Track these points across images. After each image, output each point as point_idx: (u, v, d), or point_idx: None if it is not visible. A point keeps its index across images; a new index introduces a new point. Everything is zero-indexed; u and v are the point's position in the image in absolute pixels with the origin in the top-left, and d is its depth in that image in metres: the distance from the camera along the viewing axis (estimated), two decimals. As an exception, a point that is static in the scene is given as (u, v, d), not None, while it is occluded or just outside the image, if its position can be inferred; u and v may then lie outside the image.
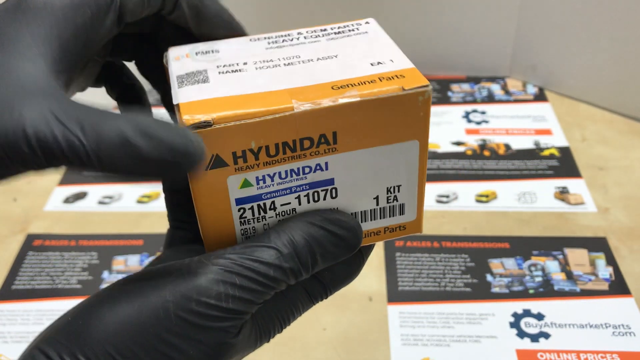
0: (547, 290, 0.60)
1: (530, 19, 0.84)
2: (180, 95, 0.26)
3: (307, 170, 0.27)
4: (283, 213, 0.28)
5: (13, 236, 0.68)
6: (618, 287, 0.60)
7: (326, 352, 0.56)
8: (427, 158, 0.28)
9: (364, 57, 0.28)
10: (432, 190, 0.73)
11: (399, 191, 0.28)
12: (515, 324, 0.57)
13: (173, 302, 0.24)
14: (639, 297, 0.59)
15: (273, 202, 0.27)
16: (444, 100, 0.87)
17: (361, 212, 0.29)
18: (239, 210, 0.27)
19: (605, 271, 0.62)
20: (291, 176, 0.27)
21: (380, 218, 0.29)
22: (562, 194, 0.71)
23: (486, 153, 0.78)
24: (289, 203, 0.27)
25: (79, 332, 0.24)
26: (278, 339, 0.57)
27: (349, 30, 0.30)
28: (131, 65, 0.33)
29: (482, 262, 0.63)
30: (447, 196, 0.72)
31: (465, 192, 0.72)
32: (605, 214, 0.69)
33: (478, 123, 0.83)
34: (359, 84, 0.26)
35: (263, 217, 0.28)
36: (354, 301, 0.60)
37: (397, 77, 0.26)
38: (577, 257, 0.64)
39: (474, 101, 0.87)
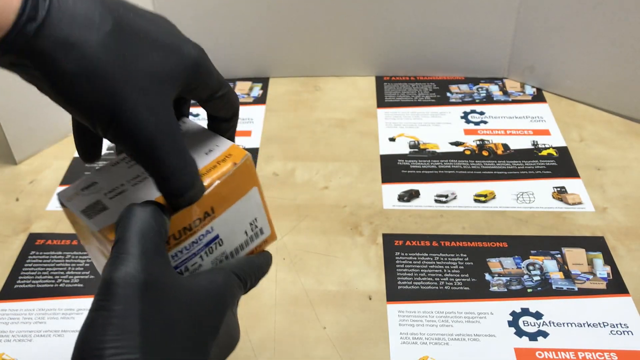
0: (545, 289, 0.61)
1: (529, 21, 0.84)
2: (95, 223, 0.36)
3: (201, 237, 0.37)
4: (194, 270, 0.38)
5: (15, 236, 0.69)
6: (616, 286, 0.61)
7: (326, 350, 0.56)
8: (263, 193, 0.41)
9: (200, 149, 0.39)
10: (431, 189, 0.73)
11: (257, 221, 0.41)
12: (513, 323, 0.58)
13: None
14: (637, 296, 0.60)
15: (186, 267, 0.38)
16: (443, 101, 0.88)
17: (239, 244, 0.40)
18: None
19: (603, 270, 0.62)
20: (192, 246, 0.37)
21: (252, 242, 0.41)
22: (560, 194, 0.72)
23: (485, 153, 0.78)
24: (196, 262, 0.38)
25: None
26: (279, 337, 0.57)
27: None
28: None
29: (481, 262, 0.64)
30: (446, 196, 0.72)
31: (464, 192, 0.73)
32: (603, 214, 0.69)
33: (477, 123, 0.83)
34: (207, 172, 0.37)
35: None
36: (354, 300, 0.61)
37: (228, 157, 0.38)
38: (575, 257, 0.64)
39: (473, 102, 0.87)
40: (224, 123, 0.41)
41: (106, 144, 0.82)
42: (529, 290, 0.61)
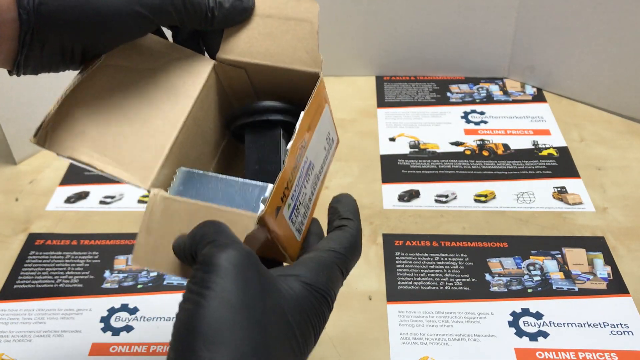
0: (545, 289, 0.61)
1: (529, 20, 0.84)
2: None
3: (304, 166, 0.38)
4: (304, 200, 0.39)
5: (15, 236, 0.69)
6: (616, 286, 0.61)
7: (326, 350, 0.56)
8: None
9: None
10: (431, 189, 0.73)
11: (329, 134, 0.42)
12: (513, 323, 0.58)
13: None
14: (637, 296, 0.60)
15: (299, 200, 0.39)
16: (443, 100, 0.88)
17: (322, 161, 0.41)
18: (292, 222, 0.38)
19: (603, 270, 0.62)
20: (299, 180, 0.38)
21: (329, 154, 0.43)
22: (561, 194, 0.72)
23: (485, 153, 0.78)
24: (304, 193, 0.39)
25: None
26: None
27: None
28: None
29: (481, 262, 0.64)
30: (446, 196, 0.72)
31: (464, 192, 0.72)
32: (603, 214, 0.69)
33: (477, 123, 0.83)
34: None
35: (297, 214, 0.39)
36: (354, 300, 0.60)
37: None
38: (576, 257, 0.64)
39: (473, 102, 0.87)
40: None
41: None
42: (529, 290, 0.61)
